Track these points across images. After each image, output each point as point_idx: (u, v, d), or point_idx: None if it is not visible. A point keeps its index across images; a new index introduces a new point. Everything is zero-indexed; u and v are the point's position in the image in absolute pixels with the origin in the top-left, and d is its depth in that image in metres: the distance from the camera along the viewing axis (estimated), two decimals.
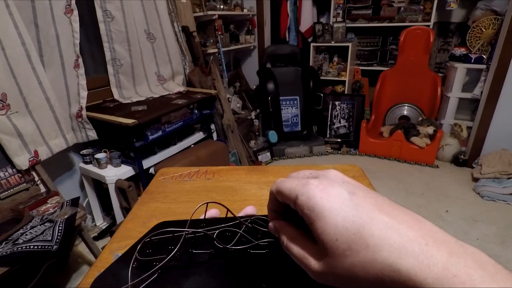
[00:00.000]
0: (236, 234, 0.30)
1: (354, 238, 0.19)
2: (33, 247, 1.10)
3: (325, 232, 0.20)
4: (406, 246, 0.18)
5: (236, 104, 2.92)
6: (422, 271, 0.17)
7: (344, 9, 3.19)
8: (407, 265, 0.17)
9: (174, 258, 0.27)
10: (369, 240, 0.19)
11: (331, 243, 0.20)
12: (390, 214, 0.19)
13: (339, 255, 0.19)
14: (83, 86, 1.68)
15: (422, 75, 2.81)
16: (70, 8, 1.56)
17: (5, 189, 1.34)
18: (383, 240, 0.18)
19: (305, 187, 0.22)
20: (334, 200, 0.20)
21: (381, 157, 2.80)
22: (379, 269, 0.18)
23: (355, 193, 0.21)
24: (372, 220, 0.19)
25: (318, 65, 3.26)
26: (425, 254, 0.17)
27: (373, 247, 0.18)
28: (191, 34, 2.32)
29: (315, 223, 0.20)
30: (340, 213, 0.20)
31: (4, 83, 1.29)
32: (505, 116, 2.34)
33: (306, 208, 0.21)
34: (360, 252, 0.19)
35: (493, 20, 2.42)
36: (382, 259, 0.18)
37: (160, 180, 0.67)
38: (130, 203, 1.67)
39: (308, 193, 0.21)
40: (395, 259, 0.17)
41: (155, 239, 0.29)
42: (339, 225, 0.20)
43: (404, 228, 0.19)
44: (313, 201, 0.21)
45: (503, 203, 2.08)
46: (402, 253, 0.18)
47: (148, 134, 1.70)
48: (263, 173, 0.69)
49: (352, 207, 0.20)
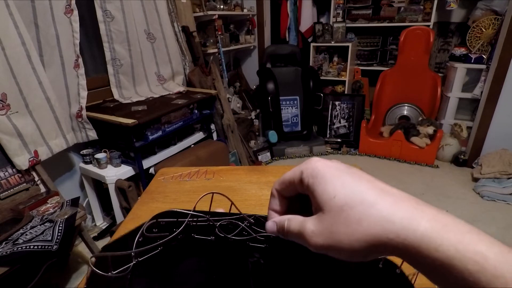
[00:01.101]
0: (237, 227, 0.31)
1: (351, 195, 0.21)
2: (33, 247, 1.10)
3: (325, 192, 0.22)
4: (399, 203, 0.20)
5: (236, 104, 2.92)
6: (414, 220, 0.19)
7: (344, 9, 3.19)
8: (401, 215, 0.19)
9: (177, 239, 0.29)
10: (364, 196, 0.21)
11: (329, 200, 0.22)
12: (383, 183, 0.22)
13: (336, 211, 0.21)
14: (83, 86, 1.68)
15: (422, 75, 2.81)
16: (70, 8, 1.56)
17: (5, 189, 1.34)
18: (378, 198, 0.20)
19: (308, 163, 0.24)
20: (333, 168, 0.23)
21: (381, 157, 2.80)
22: (372, 221, 0.20)
23: (352, 167, 0.24)
24: (368, 185, 0.22)
25: (318, 65, 3.26)
26: (416, 209, 0.19)
27: (368, 202, 0.20)
28: (191, 34, 2.32)
29: (317, 188, 0.23)
30: (339, 177, 0.22)
31: (4, 83, 1.29)
32: (505, 116, 2.34)
33: (311, 176, 0.23)
34: (356, 207, 0.21)
35: (493, 20, 2.42)
36: (376, 212, 0.20)
37: (160, 180, 0.67)
38: (130, 203, 1.67)
39: (311, 165, 0.24)
40: (389, 212, 0.20)
41: (162, 221, 0.31)
42: (337, 185, 0.22)
43: (397, 193, 0.21)
44: (315, 170, 0.23)
45: (503, 203, 2.08)
46: (395, 208, 0.20)
47: (148, 134, 1.70)
48: (263, 173, 0.69)
49: (349, 174, 0.23)
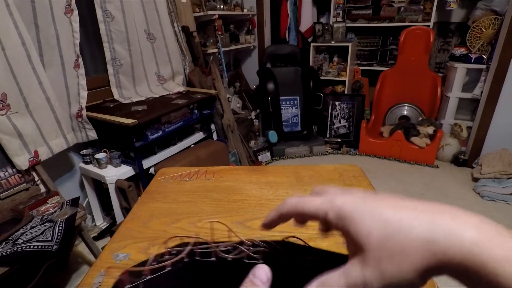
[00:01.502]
0: (236, 249, 0.36)
1: (386, 225, 0.20)
2: (33, 247, 1.10)
3: (358, 231, 0.21)
4: (436, 218, 0.19)
5: (236, 104, 2.92)
6: (457, 236, 0.18)
7: (344, 9, 3.19)
8: (442, 234, 0.18)
9: (182, 262, 0.34)
10: (399, 224, 0.19)
11: (365, 239, 0.20)
12: (412, 202, 0.21)
13: (377, 246, 0.20)
14: (83, 86, 1.68)
15: (422, 75, 2.81)
16: (70, 8, 1.56)
17: (5, 189, 1.34)
18: (412, 220, 0.19)
19: (330, 203, 0.23)
20: (360, 203, 0.22)
21: (381, 157, 2.80)
22: (416, 247, 0.18)
23: (376, 195, 0.23)
24: (399, 207, 0.20)
25: (318, 65, 3.26)
26: (457, 222, 0.18)
27: (405, 229, 0.19)
28: (191, 34, 2.32)
29: (350, 229, 0.21)
30: (367, 210, 0.21)
31: (4, 83, 1.29)
32: (505, 116, 2.34)
33: (339, 219, 0.22)
34: (395, 237, 0.19)
35: (493, 20, 2.42)
36: (416, 236, 0.19)
37: (160, 180, 0.67)
38: (130, 203, 1.67)
39: (336, 206, 0.23)
40: (429, 232, 0.18)
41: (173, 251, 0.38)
42: (368, 221, 0.21)
43: (430, 207, 0.20)
44: (341, 211, 0.22)
45: (503, 203, 2.08)
46: (433, 225, 0.18)
47: (148, 134, 1.70)
48: (263, 173, 0.69)
49: (374, 203, 0.21)
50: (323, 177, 0.67)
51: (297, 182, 0.65)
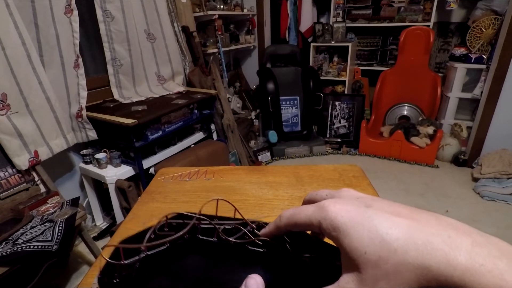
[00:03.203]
0: (239, 231, 0.34)
1: (381, 247, 0.19)
2: (33, 247, 1.10)
3: (353, 248, 0.20)
4: (430, 240, 0.18)
5: (236, 104, 2.92)
6: (450, 263, 0.17)
7: (344, 9, 3.19)
8: (435, 259, 0.18)
9: (183, 238, 0.33)
10: (394, 244, 0.19)
11: (361, 257, 0.20)
12: (408, 217, 0.20)
13: (373, 267, 0.19)
14: (83, 86, 1.68)
15: (422, 75, 2.81)
16: (70, 8, 1.56)
17: (5, 189, 1.34)
18: (407, 240, 0.19)
19: (323, 211, 0.22)
20: (354, 215, 0.21)
21: (381, 157, 2.80)
22: (412, 270, 0.18)
23: (371, 205, 0.22)
24: (393, 225, 0.20)
25: (318, 65, 3.26)
26: (450, 246, 0.18)
27: (400, 249, 0.19)
28: (191, 34, 2.32)
29: (343, 242, 0.21)
30: (363, 226, 0.20)
31: (4, 83, 1.29)
32: (505, 116, 2.34)
33: (332, 230, 0.21)
34: (390, 258, 0.19)
35: (493, 20, 2.42)
36: (412, 259, 0.18)
37: (160, 180, 0.67)
38: (130, 203, 1.67)
39: (329, 216, 0.22)
40: (424, 256, 0.18)
41: (173, 222, 0.36)
42: (364, 238, 0.20)
43: (424, 225, 0.19)
44: (335, 222, 0.21)
45: (503, 203, 2.08)
46: (428, 248, 0.18)
47: (148, 134, 1.70)
48: (263, 173, 0.69)
49: (371, 218, 0.20)
50: (323, 177, 0.67)
51: (297, 182, 0.65)
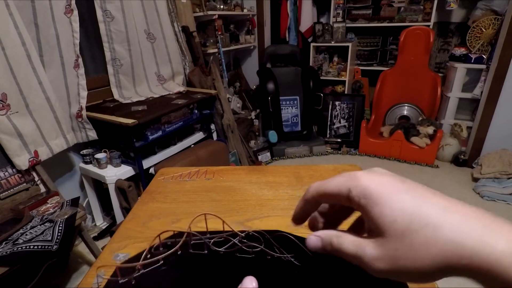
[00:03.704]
0: (229, 242, 0.36)
1: (412, 218, 0.19)
2: (33, 247, 1.10)
3: (382, 215, 0.20)
4: (467, 223, 0.18)
5: (236, 104, 2.92)
6: (487, 245, 0.17)
7: (344, 9, 3.19)
8: (471, 239, 0.17)
9: (175, 254, 0.35)
10: (428, 219, 0.19)
11: (389, 224, 0.20)
12: (444, 198, 0.20)
13: (398, 235, 0.19)
14: (83, 86, 1.68)
15: (422, 75, 2.81)
16: (70, 8, 1.56)
17: (5, 189, 1.34)
18: (443, 218, 0.18)
19: (355, 179, 0.22)
20: (388, 186, 0.21)
21: (381, 157, 2.80)
22: (440, 246, 0.18)
23: (405, 181, 0.22)
24: (429, 201, 0.20)
25: (318, 65, 3.26)
26: (488, 229, 0.17)
27: (433, 225, 0.18)
28: (191, 34, 2.32)
29: (372, 210, 0.21)
30: (396, 196, 0.20)
31: (4, 83, 1.29)
32: (505, 116, 2.34)
33: (363, 197, 0.21)
34: (420, 231, 0.19)
35: (493, 20, 2.42)
36: (443, 235, 0.18)
37: (160, 180, 0.67)
38: (130, 203, 1.67)
39: (361, 184, 0.22)
40: (458, 234, 0.18)
41: (168, 242, 0.38)
42: (396, 207, 0.20)
43: (462, 208, 0.19)
44: (368, 190, 0.21)
45: (503, 203, 2.08)
46: (464, 229, 0.18)
47: (148, 134, 1.70)
48: (263, 173, 0.69)
49: (406, 190, 0.20)
50: (323, 177, 0.66)
51: (297, 182, 0.65)
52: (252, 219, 0.53)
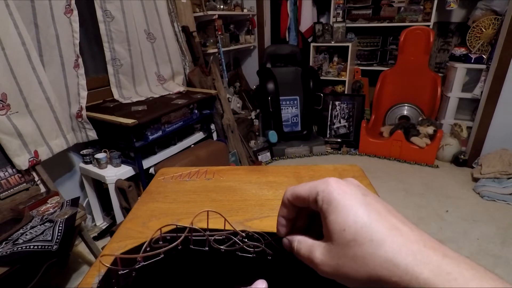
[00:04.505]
0: (229, 241, 0.37)
1: (361, 232, 0.21)
2: (33, 247, 1.10)
3: (335, 223, 0.22)
4: (406, 244, 0.20)
5: (236, 104, 2.92)
6: (418, 266, 0.19)
7: (344, 9, 3.19)
8: (406, 260, 0.19)
9: (176, 249, 0.35)
10: (374, 235, 0.20)
11: (338, 233, 0.21)
12: (397, 218, 0.22)
13: (344, 244, 0.21)
14: (83, 86, 1.68)
15: (422, 75, 2.81)
16: (70, 8, 1.56)
17: (5, 189, 1.34)
18: (387, 237, 0.20)
19: (326, 184, 0.24)
20: (349, 197, 0.22)
21: (381, 157, 2.80)
22: (379, 262, 0.20)
23: (368, 195, 0.23)
24: (380, 219, 0.21)
25: (318, 65, 3.26)
26: (422, 253, 0.19)
27: (376, 241, 0.20)
28: (191, 34, 2.32)
29: (329, 216, 0.22)
30: (352, 208, 0.22)
31: (4, 83, 1.29)
32: (505, 116, 2.34)
33: (325, 202, 0.23)
34: (364, 245, 0.20)
35: (493, 20, 2.42)
36: (383, 253, 0.20)
37: (160, 180, 0.67)
38: (130, 203, 1.67)
39: (328, 189, 0.23)
40: (396, 254, 0.19)
41: (168, 236, 0.37)
42: (349, 218, 0.21)
43: (407, 230, 0.21)
44: (331, 196, 0.23)
45: (503, 203, 2.08)
46: (402, 250, 0.19)
47: (148, 134, 1.70)
48: (263, 173, 0.69)
49: (363, 204, 0.22)
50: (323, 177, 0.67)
51: (297, 182, 0.65)
52: (252, 219, 0.53)
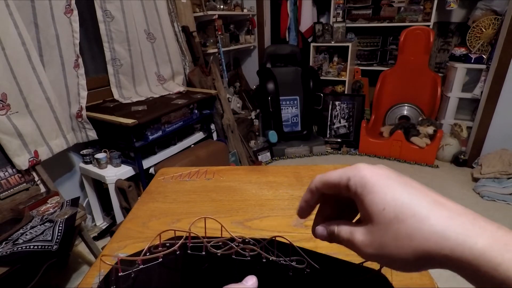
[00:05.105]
0: (226, 245, 0.38)
1: (401, 208, 0.20)
2: (33, 247, 1.10)
3: (374, 203, 0.21)
4: (454, 216, 0.19)
5: (236, 104, 2.92)
6: (471, 237, 0.17)
7: (344, 9, 3.19)
8: (456, 231, 0.18)
9: (174, 253, 0.36)
10: (416, 210, 0.19)
11: (378, 212, 0.21)
12: (437, 194, 0.21)
13: (386, 223, 0.20)
14: (83, 86, 1.68)
15: (422, 75, 2.81)
16: (70, 8, 1.56)
17: (5, 189, 1.34)
18: (431, 211, 0.19)
19: (357, 169, 0.23)
20: (383, 178, 0.22)
21: (381, 157, 2.79)
22: (426, 236, 0.19)
23: (403, 176, 0.23)
24: (421, 195, 0.20)
25: (318, 65, 3.26)
26: (473, 224, 0.18)
27: (420, 216, 0.19)
28: (191, 34, 2.32)
29: (366, 198, 0.22)
30: (389, 187, 0.21)
31: (4, 83, 1.29)
32: (505, 116, 2.34)
33: (359, 186, 0.22)
34: (407, 220, 0.19)
35: (493, 20, 2.42)
36: (428, 226, 0.19)
37: (160, 180, 0.67)
38: (130, 203, 1.67)
39: (360, 173, 0.23)
40: (442, 227, 0.18)
41: (167, 243, 0.39)
42: (387, 197, 0.21)
43: (451, 205, 0.20)
44: (365, 179, 0.22)
45: (503, 203, 2.08)
46: (450, 222, 0.18)
47: (148, 134, 1.70)
48: (263, 173, 0.69)
49: (400, 183, 0.21)
50: None
51: (297, 182, 0.65)
52: (252, 219, 0.53)
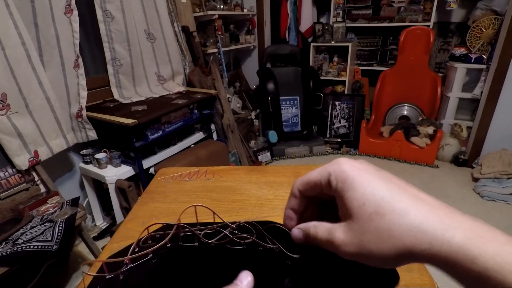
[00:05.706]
0: (219, 234, 0.36)
1: (382, 203, 0.20)
2: (33, 247, 1.10)
3: (353, 199, 0.21)
4: (432, 210, 0.19)
5: (236, 104, 2.92)
6: (448, 230, 0.18)
7: (344, 9, 3.19)
8: (434, 225, 0.18)
9: (165, 247, 0.34)
10: (396, 205, 0.19)
11: (358, 208, 0.21)
12: (417, 190, 0.21)
13: (366, 219, 0.20)
14: (83, 86, 1.68)
15: (422, 75, 2.81)
16: (70, 8, 1.56)
17: (5, 189, 1.34)
18: (410, 205, 0.19)
19: (337, 164, 0.23)
20: (363, 172, 0.22)
21: (381, 157, 2.80)
22: (405, 231, 0.19)
23: (381, 170, 0.23)
24: (400, 190, 0.20)
25: (318, 65, 3.26)
26: (450, 218, 0.18)
27: (399, 210, 0.19)
28: (191, 34, 2.32)
29: (346, 193, 0.21)
30: (369, 182, 0.21)
31: (4, 83, 1.29)
32: (505, 116, 2.34)
33: (340, 181, 0.22)
34: (386, 216, 0.19)
35: (493, 20, 2.42)
36: (408, 221, 0.19)
37: (160, 180, 0.67)
38: (130, 203, 1.67)
39: (340, 168, 0.23)
40: (422, 220, 0.18)
41: (157, 234, 0.37)
42: (367, 192, 0.21)
43: (430, 199, 0.20)
44: (345, 174, 0.22)
45: (503, 203, 2.08)
46: (428, 216, 0.18)
47: (148, 134, 1.70)
48: (263, 173, 0.69)
49: (380, 178, 0.21)
50: None
51: None
52: (252, 219, 0.53)
